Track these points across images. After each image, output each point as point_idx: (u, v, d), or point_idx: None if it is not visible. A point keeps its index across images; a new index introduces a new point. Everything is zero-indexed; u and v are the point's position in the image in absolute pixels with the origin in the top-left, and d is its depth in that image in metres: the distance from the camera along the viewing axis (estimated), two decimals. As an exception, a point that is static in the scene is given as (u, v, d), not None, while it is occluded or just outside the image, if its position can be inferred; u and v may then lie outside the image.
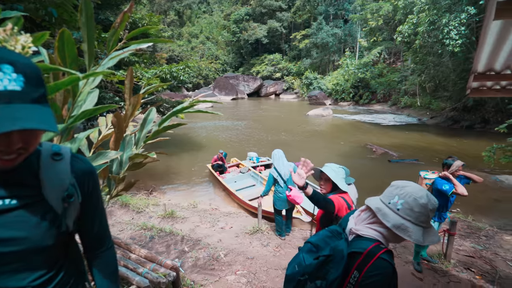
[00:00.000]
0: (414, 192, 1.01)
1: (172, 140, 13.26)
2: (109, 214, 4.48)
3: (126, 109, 1.70)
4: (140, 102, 1.68)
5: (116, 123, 1.62)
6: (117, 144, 1.71)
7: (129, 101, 1.68)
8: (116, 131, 1.67)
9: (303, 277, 1.09)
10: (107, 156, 1.45)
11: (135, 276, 2.23)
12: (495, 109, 15.38)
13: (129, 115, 1.72)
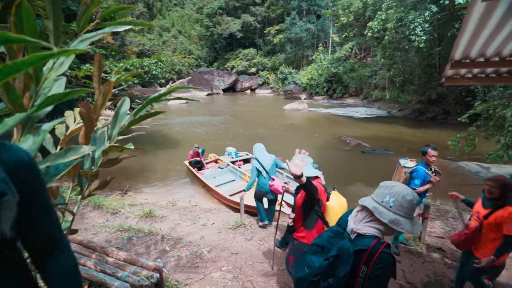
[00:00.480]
0: (402, 190, 1.18)
1: (146, 137, 12.71)
2: (80, 217, 4.17)
3: (95, 98, 1.53)
4: (111, 90, 1.52)
5: (85, 115, 1.45)
6: (87, 139, 1.54)
7: (99, 90, 1.52)
8: (86, 123, 1.50)
9: (316, 277, 1.18)
10: (78, 151, 1.29)
11: (114, 281, 2.08)
12: (455, 101, 16.59)
13: (100, 105, 1.55)
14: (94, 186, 1.74)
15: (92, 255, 2.37)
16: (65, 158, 1.25)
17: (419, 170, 3.27)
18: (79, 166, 1.43)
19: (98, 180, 1.72)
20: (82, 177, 1.54)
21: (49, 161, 1.21)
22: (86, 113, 1.45)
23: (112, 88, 1.53)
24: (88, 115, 1.46)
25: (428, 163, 3.29)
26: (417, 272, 3.22)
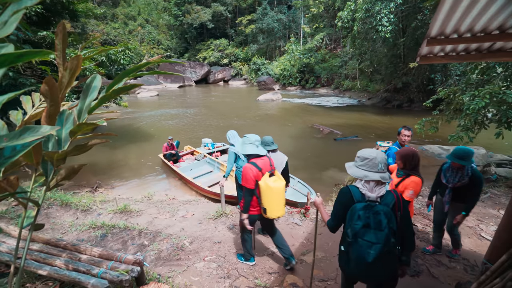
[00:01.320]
0: (381, 158, 1.66)
1: (116, 131, 12.00)
2: (45, 217, 3.83)
3: (60, 75, 1.35)
4: (80, 65, 1.35)
5: (48, 93, 1.27)
6: (51, 121, 1.36)
7: (64, 66, 1.34)
8: (49, 103, 1.32)
9: (386, 247, 1.50)
10: (37, 131, 1.12)
11: (90, 278, 1.92)
12: (417, 90, 17.69)
13: (66, 83, 1.37)
14: (61, 176, 1.56)
15: (62, 254, 2.16)
16: (21, 140, 1.07)
17: (391, 149, 3.49)
18: (41, 147, 1.25)
19: (65, 169, 1.55)
20: (47, 163, 1.36)
21: (1, 142, 1.05)
22: (49, 91, 1.27)
23: (81, 63, 1.36)
24: (52, 93, 1.28)
25: (401, 143, 3.44)
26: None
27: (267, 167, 2.61)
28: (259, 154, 2.60)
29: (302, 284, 2.67)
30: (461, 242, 3.24)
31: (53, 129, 1.19)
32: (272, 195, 2.50)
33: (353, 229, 1.54)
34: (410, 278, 2.88)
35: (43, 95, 1.29)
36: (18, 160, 1.51)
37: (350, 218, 1.59)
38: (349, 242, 1.57)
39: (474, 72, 6.07)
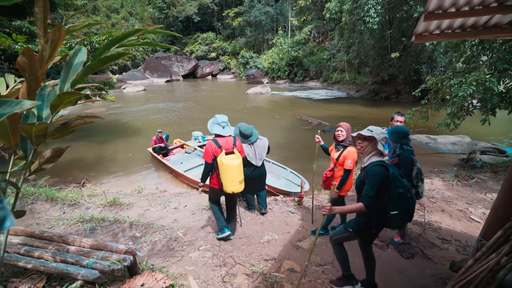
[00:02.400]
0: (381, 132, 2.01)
1: (102, 127, 11.65)
2: (29, 212, 3.64)
3: (41, 47, 1.22)
4: (63, 37, 1.22)
5: (27, 65, 1.14)
6: (31, 97, 1.24)
7: (45, 37, 1.20)
8: (28, 77, 1.19)
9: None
10: (16, 105, 1.01)
11: (79, 269, 1.82)
12: (404, 81, 18.00)
13: (47, 56, 1.25)
14: (44, 158, 1.44)
15: (48, 246, 2.04)
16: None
17: None
18: (19, 121, 1.13)
19: (48, 150, 1.43)
20: (27, 142, 1.24)
21: (-25, 116, 0.93)
22: (28, 64, 1.14)
23: (64, 35, 1.24)
24: (31, 66, 1.15)
25: None
26: (388, 231, 3.43)
27: (227, 145, 2.89)
28: (222, 134, 2.92)
29: (300, 269, 2.65)
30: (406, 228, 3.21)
31: (34, 103, 1.07)
32: (226, 171, 2.77)
33: (405, 187, 1.93)
34: (405, 260, 2.92)
35: (20, 68, 1.16)
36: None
37: (394, 182, 1.91)
38: (406, 198, 1.93)
39: (459, 61, 6.18)
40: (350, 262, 2.38)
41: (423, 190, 3.00)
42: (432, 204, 4.24)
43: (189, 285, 2.27)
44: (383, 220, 2.00)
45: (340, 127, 3.03)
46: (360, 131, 2.03)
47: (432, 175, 5.91)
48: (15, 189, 1.23)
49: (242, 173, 2.90)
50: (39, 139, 1.18)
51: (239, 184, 2.85)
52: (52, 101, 1.13)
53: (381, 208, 1.95)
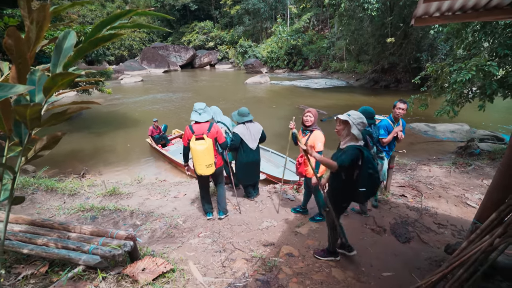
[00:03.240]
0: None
1: (100, 118, 11.61)
2: (30, 202, 3.67)
3: (27, 29, 1.18)
4: (48, 16, 1.18)
5: (13, 47, 1.11)
6: (21, 81, 1.21)
7: (30, 17, 1.17)
8: (16, 59, 1.15)
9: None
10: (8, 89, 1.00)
11: (81, 255, 1.85)
12: (404, 70, 17.83)
13: (35, 37, 1.21)
14: (41, 144, 1.43)
15: (49, 233, 2.07)
16: (-14, 98, 0.95)
17: (382, 121, 3.45)
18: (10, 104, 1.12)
19: (45, 136, 1.42)
20: (21, 127, 1.24)
21: (-32, 100, 0.93)
22: (15, 45, 1.11)
23: (49, 14, 1.20)
24: (17, 47, 1.12)
25: (395, 116, 3.40)
26: (385, 217, 3.48)
27: (200, 131, 3.10)
28: (198, 120, 3.16)
29: (298, 253, 2.69)
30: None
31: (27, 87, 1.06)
32: (194, 155, 3.02)
33: (374, 169, 2.14)
34: (402, 244, 2.97)
35: (7, 50, 1.13)
36: (-12, 131, 1.38)
37: (366, 163, 2.12)
38: (374, 178, 2.14)
39: (460, 47, 6.10)
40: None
41: None
42: (429, 191, 4.28)
43: (189, 270, 2.32)
44: (352, 195, 2.27)
45: (309, 113, 3.15)
46: (339, 115, 2.25)
47: (430, 162, 5.95)
48: (12, 173, 1.22)
49: (211, 158, 3.09)
50: (34, 122, 1.16)
51: (205, 167, 3.07)
52: (45, 83, 1.11)
53: (351, 185, 2.21)
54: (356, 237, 3.04)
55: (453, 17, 2.02)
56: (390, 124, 3.43)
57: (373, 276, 2.42)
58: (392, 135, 3.37)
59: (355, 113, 2.18)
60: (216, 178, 3.42)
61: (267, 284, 2.19)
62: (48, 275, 1.86)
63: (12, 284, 1.74)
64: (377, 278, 2.39)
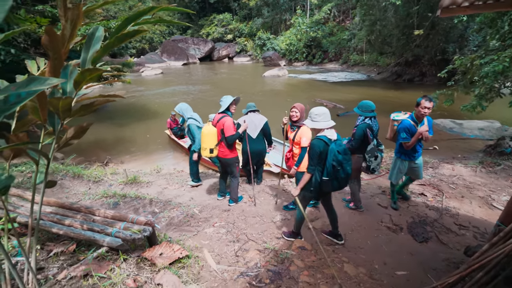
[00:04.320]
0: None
1: (122, 110, 12.04)
2: (59, 187, 3.93)
3: (62, 27, 1.27)
4: (81, 15, 1.27)
5: (50, 44, 1.21)
6: (55, 75, 1.31)
7: (65, 16, 1.26)
8: (52, 55, 1.26)
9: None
10: (44, 82, 1.08)
11: (104, 237, 1.98)
12: (429, 63, 16.94)
13: (69, 35, 1.30)
14: (71, 134, 1.54)
15: (77, 216, 2.22)
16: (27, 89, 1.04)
17: (403, 121, 3.14)
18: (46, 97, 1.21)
19: (74, 127, 1.52)
20: (54, 117, 1.34)
21: (8, 91, 1.01)
22: (51, 42, 1.20)
23: (82, 13, 1.28)
24: (53, 44, 1.21)
25: (418, 115, 3.05)
26: (403, 215, 3.41)
27: (214, 120, 3.48)
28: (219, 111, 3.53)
29: (310, 247, 2.72)
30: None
31: (60, 80, 1.14)
32: (202, 137, 3.39)
33: (338, 161, 2.28)
34: (418, 244, 2.90)
35: (44, 46, 1.23)
36: (27, 119, 1.50)
37: (330, 155, 2.28)
38: (336, 170, 2.29)
39: (495, 37, 5.70)
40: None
41: (374, 167, 3.18)
42: (451, 190, 4.12)
43: (203, 257, 2.41)
44: (319, 183, 2.40)
45: (295, 108, 3.23)
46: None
47: (454, 161, 5.68)
48: (46, 159, 1.34)
49: (210, 143, 3.38)
50: (65, 113, 1.26)
51: (204, 150, 3.41)
52: (75, 77, 1.20)
53: (319, 174, 2.39)
54: (370, 234, 3.01)
55: (484, 6, 1.90)
56: (412, 125, 3.09)
57: (386, 274, 2.39)
58: (416, 137, 3.03)
59: (312, 110, 2.41)
60: (225, 169, 3.68)
61: (278, 275, 2.24)
62: (76, 253, 2.01)
63: (45, 259, 1.90)
64: (390, 276, 2.36)
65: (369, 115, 3.12)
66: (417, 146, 3.22)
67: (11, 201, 2.44)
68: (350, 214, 3.43)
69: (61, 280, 1.70)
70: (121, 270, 1.85)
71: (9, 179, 1.08)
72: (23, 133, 1.43)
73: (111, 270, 1.84)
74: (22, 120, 1.47)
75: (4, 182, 1.05)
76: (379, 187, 4.25)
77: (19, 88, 1.02)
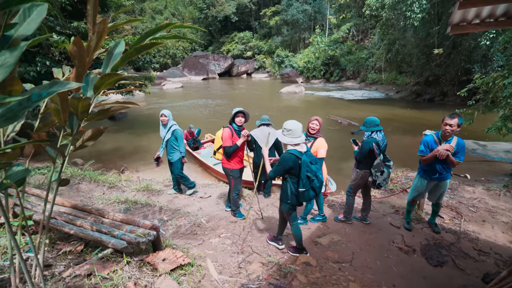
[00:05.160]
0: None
1: (141, 120, 12.55)
2: (76, 190, 4.10)
3: (89, 39, 1.41)
4: (107, 29, 1.40)
5: (76, 53, 1.34)
6: (78, 81, 1.44)
7: (93, 30, 1.40)
8: (77, 64, 1.39)
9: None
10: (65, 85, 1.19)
11: (110, 238, 2.04)
12: (451, 82, 16.49)
13: (94, 46, 1.44)
14: (88, 136, 1.65)
15: (87, 217, 2.31)
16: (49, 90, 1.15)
17: (426, 136, 3.11)
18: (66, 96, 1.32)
19: (90, 130, 1.63)
20: (73, 118, 1.44)
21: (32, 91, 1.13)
22: (77, 52, 1.33)
23: (108, 27, 1.41)
24: (79, 54, 1.34)
25: (443, 134, 2.92)
26: (416, 237, 3.25)
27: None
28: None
29: (316, 263, 2.63)
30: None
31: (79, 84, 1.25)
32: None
33: (312, 172, 2.42)
34: (432, 267, 2.74)
35: (72, 55, 1.36)
36: (48, 121, 1.63)
37: (304, 167, 2.38)
38: (311, 180, 2.42)
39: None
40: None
41: (380, 182, 3.10)
42: (471, 213, 3.89)
43: (206, 266, 2.40)
44: (296, 195, 2.48)
45: (316, 120, 3.33)
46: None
47: (476, 183, 5.39)
48: (62, 156, 1.44)
49: (215, 146, 3.80)
50: (83, 114, 1.37)
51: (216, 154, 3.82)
52: (96, 82, 1.31)
53: (294, 186, 2.48)
54: (380, 254, 2.88)
55: (496, 23, 1.89)
56: (433, 141, 3.00)
57: (395, 296, 2.27)
58: (433, 154, 2.91)
59: (285, 124, 2.49)
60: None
61: (280, 290, 2.18)
62: (83, 253, 2.08)
63: (54, 257, 1.98)
64: (399, 299, 2.24)
65: (375, 129, 3.14)
66: (438, 165, 3.02)
67: (30, 200, 2.59)
68: (360, 233, 3.32)
69: (65, 278, 1.76)
70: (123, 272, 1.89)
71: (25, 172, 1.17)
72: (44, 133, 1.56)
73: (114, 271, 1.88)
74: (45, 121, 1.61)
75: (21, 174, 1.14)
76: (392, 206, 4.09)
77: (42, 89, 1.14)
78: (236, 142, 3.38)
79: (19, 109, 0.95)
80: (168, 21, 6.47)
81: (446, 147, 2.85)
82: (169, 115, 4.30)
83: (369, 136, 3.15)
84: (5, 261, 1.88)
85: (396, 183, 5.31)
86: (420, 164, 3.19)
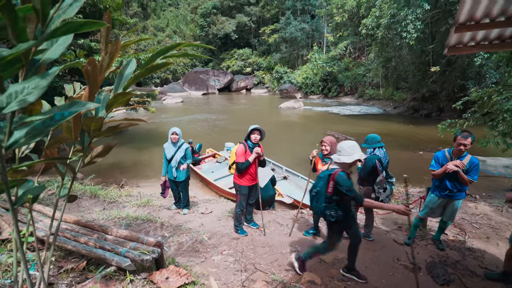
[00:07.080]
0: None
1: (142, 135, 12.60)
2: (76, 205, 4.06)
3: (101, 58, 1.47)
4: (119, 50, 1.47)
5: (90, 73, 1.39)
6: (91, 99, 1.48)
7: (105, 50, 1.46)
8: (90, 83, 1.44)
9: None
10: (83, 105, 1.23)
11: (114, 256, 2.01)
12: (447, 98, 16.79)
13: (106, 65, 1.50)
14: (97, 152, 1.67)
15: (90, 234, 2.29)
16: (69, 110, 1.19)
17: (437, 152, 3.10)
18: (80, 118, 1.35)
19: (100, 146, 1.66)
20: (84, 135, 1.47)
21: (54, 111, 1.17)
22: (91, 71, 1.39)
23: (120, 48, 1.48)
24: (93, 73, 1.39)
25: (455, 152, 2.91)
26: (421, 254, 3.21)
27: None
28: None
29: (320, 282, 2.59)
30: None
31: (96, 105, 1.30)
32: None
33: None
34: (439, 286, 2.69)
35: (85, 74, 1.41)
36: (59, 137, 1.66)
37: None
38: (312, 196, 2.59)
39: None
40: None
41: (383, 199, 3.16)
42: (475, 230, 3.87)
43: (210, 285, 2.35)
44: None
45: (324, 143, 3.29)
46: None
47: (478, 199, 5.39)
48: (72, 173, 1.45)
49: (230, 161, 3.89)
50: (95, 132, 1.40)
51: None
52: (108, 101, 1.36)
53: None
54: (385, 272, 2.84)
55: (490, 46, 1.98)
56: (444, 156, 3.00)
57: (403, 316, 2.22)
58: (443, 169, 2.88)
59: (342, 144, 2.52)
60: None
61: (286, 310, 2.13)
62: (85, 271, 2.04)
63: (55, 275, 1.94)
64: (407, 320, 2.19)
65: (377, 146, 3.20)
66: (448, 182, 3.00)
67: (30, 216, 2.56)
68: (364, 250, 3.27)
69: (68, 297, 1.72)
70: (126, 291, 1.86)
71: (41, 188, 1.19)
72: (55, 149, 1.58)
73: (117, 290, 1.85)
74: (56, 138, 1.64)
75: (37, 191, 1.16)
76: (395, 223, 4.07)
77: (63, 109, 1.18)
78: (248, 158, 3.43)
79: (43, 127, 0.99)
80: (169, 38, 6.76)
81: (456, 163, 2.83)
82: (180, 134, 4.38)
83: (372, 153, 3.21)
84: (6, 280, 1.84)
85: (398, 199, 5.30)
86: (432, 180, 3.19)
